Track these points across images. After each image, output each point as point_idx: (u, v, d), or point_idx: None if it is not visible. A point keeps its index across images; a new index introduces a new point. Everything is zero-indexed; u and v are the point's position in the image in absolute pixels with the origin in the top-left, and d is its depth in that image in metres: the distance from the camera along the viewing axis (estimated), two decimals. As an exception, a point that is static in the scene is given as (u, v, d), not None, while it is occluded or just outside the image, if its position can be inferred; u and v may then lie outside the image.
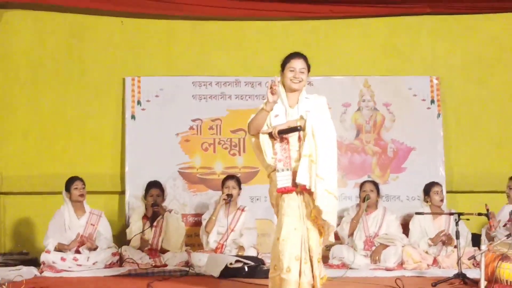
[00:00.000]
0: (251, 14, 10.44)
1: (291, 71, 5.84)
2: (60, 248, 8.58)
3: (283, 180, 5.64)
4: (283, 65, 5.91)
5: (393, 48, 10.67)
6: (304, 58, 5.91)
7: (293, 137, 5.71)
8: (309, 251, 5.63)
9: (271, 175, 5.82)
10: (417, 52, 10.67)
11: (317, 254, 5.69)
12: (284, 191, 5.65)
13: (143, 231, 8.98)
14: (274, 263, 5.71)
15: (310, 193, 5.63)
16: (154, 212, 9.07)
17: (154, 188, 9.25)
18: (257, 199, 9.95)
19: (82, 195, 8.90)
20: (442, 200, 9.10)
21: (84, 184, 8.97)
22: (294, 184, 5.64)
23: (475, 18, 10.67)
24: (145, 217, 9.18)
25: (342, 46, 10.63)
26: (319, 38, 10.53)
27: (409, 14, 10.65)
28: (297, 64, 5.85)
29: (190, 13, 10.39)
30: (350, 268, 8.51)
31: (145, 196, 9.28)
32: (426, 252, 8.84)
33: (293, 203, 5.68)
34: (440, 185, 9.24)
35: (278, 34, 10.45)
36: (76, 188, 8.89)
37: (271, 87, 5.63)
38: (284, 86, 5.90)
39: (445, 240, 8.73)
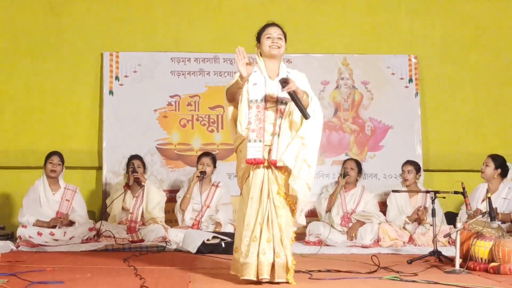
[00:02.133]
0: (231, -9, 10.44)
1: (268, 38, 5.72)
2: (38, 225, 8.58)
3: (254, 151, 5.53)
4: (259, 35, 5.80)
5: (371, 27, 10.67)
6: (279, 26, 5.81)
7: (271, 108, 5.62)
8: (279, 230, 5.49)
9: (239, 147, 5.72)
10: (396, 31, 10.68)
11: (289, 232, 5.57)
12: (254, 162, 5.53)
13: (123, 194, 9.02)
14: (235, 245, 5.66)
15: (278, 168, 5.57)
16: (135, 181, 9.09)
17: (135, 159, 9.28)
18: (235, 176, 9.79)
19: (54, 171, 8.87)
20: (406, 180, 9.17)
21: (61, 160, 8.96)
22: (263, 156, 5.56)
23: (453, -3, 10.73)
24: (126, 185, 9.18)
25: (320, 24, 10.61)
26: (298, 16, 10.50)
27: (388, -8, 10.69)
28: (274, 30, 5.75)
29: (169, -12, 10.37)
30: (327, 245, 8.57)
31: (127, 170, 9.30)
32: (404, 228, 8.92)
33: (257, 179, 5.57)
34: (409, 164, 9.26)
35: (257, 11, 10.37)
36: (51, 163, 8.88)
37: (242, 58, 5.50)
38: (262, 55, 5.78)
39: (420, 216, 8.80)
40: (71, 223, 8.75)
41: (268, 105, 5.64)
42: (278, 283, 5.42)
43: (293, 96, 5.48)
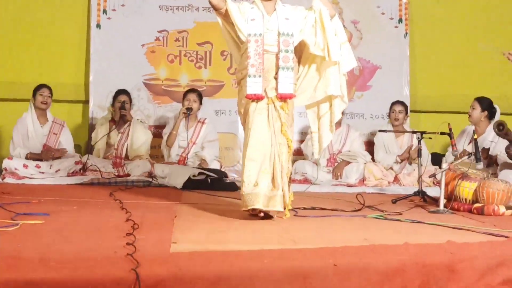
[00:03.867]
0: None
1: None
2: (31, 157, 8.59)
3: (254, 86, 5.49)
4: None
5: (363, -35, 10.60)
6: None
7: (271, 42, 5.55)
8: (281, 166, 5.48)
9: (242, 82, 5.67)
10: (387, -30, 10.60)
11: (286, 169, 5.57)
12: (254, 97, 5.51)
13: (109, 132, 9.00)
14: (243, 179, 5.52)
15: (283, 104, 5.56)
16: (121, 117, 9.06)
17: (122, 94, 9.22)
18: (222, 113, 9.94)
19: (44, 103, 8.83)
20: (396, 120, 9.18)
21: (50, 92, 8.90)
22: (265, 92, 5.54)
23: None
24: (112, 120, 9.18)
25: (312, -39, 10.49)
26: (289, -47, 10.38)
27: None
28: None
29: None
30: (312, 184, 8.58)
31: (113, 103, 9.26)
32: (391, 169, 8.98)
33: (262, 114, 5.54)
34: (401, 104, 9.28)
35: None
36: (41, 95, 8.83)
37: None
38: None
39: (411, 155, 8.82)
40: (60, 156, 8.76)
41: (268, 39, 5.56)
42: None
43: None
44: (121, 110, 9.02)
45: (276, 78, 5.55)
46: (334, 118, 5.88)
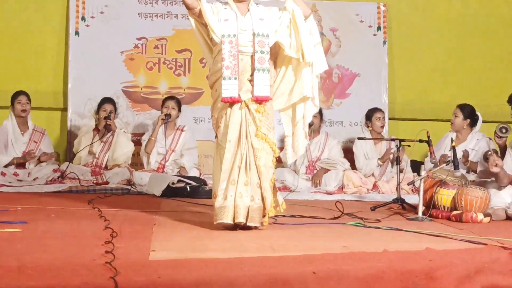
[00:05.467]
0: None
1: None
2: (18, 162, 8.63)
3: (229, 89, 5.33)
4: None
5: (341, -27, 10.63)
6: None
7: (246, 43, 5.43)
8: (257, 173, 5.36)
9: (215, 85, 5.56)
10: (365, -22, 10.65)
11: (269, 174, 5.45)
12: (230, 101, 5.35)
13: (92, 141, 8.98)
14: (214, 190, 5.51)
15: (258, 106, 5.43)
16: (106, 126, 9.05)
17: (108, 103, 9.22)
18: (201, 120, 9.92)
19: (24, 111, 8.84)
20: (382, 127, 9.21)
21: (28, 99, 8.92)
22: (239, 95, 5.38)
23: None
24: (96, 129, 9.14)
25: (290, -31, 10.50)
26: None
27: None
28: None
29: None
30: (291, 191, 8.58)
31: (98, 111, 9.25)
32: (372, 175, 9.00)
33: (235, 121, 5.40)
34: (382, 112, 9.34)
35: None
36: (19, 103, 8.84)
37: None
38: None
39: (393, 157, 8.76)
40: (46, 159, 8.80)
41: (242, 39, 5.44)
42: (250, 227, 5.32)
43: None
44: (106, 120, 9.00)
45: (250, 81, 5.43)
46: (306, 122, 5.82)
